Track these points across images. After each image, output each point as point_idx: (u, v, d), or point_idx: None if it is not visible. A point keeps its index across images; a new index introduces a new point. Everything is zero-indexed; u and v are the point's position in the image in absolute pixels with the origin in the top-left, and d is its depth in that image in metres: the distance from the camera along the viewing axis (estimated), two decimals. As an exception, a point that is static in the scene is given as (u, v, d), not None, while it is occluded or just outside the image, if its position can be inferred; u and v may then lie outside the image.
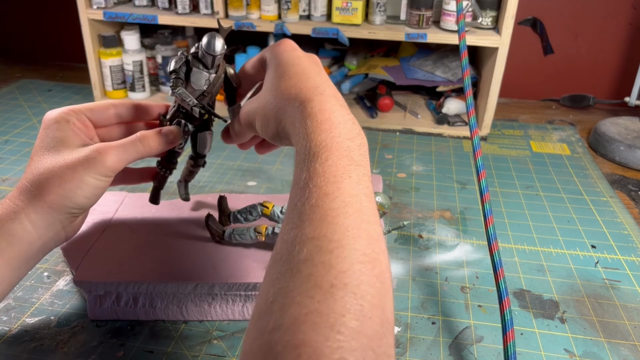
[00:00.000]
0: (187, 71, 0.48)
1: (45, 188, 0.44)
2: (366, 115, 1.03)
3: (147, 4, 1.03)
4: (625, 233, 0.70)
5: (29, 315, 0.53)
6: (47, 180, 0.44)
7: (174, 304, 0.52)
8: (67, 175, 0.44)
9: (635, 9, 1.12)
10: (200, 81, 0.49)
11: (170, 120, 0.52)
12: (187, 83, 0.49)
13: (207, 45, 0.47)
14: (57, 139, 0.46)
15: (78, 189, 0.44)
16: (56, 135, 0.46)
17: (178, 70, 0.48)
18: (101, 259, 0.53)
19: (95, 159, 0.44)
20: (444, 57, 1.09)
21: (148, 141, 0.48)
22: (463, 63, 0.65)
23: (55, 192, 0.44)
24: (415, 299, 0.57)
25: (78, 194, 0.44)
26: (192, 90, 0.49)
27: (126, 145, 0.47)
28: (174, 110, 0.52)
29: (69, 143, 0.46)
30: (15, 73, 1.26)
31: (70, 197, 0.44)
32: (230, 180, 0.80)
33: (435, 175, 0.84)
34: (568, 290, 0.59)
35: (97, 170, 0.45)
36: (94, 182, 0.45)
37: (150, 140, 0.49)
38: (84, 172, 0.44)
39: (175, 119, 0.51)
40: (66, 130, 0.46)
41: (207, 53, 0.47)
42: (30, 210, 0.43)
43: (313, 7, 0.96)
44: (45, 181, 0.44)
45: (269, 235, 0.54)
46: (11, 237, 0.43)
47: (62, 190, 0.44)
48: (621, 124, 0.97)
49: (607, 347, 0.51)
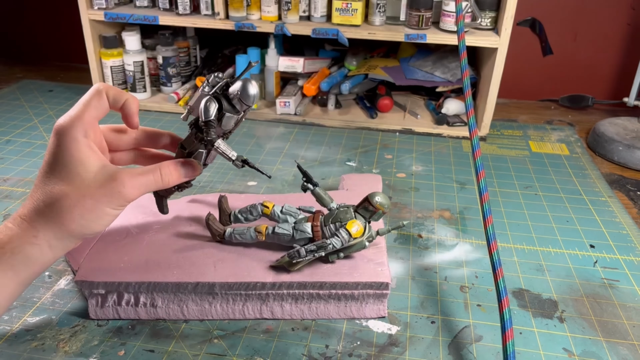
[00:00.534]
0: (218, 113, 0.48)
1: (66, 217, 0.44)
2: (366, 115, 1.03)
3: (148, 5, 1.04)
4: (623, 233, 0.70)
5: (30, 314, 0.53)
6: (68, 208, 0.44)
7: (174, 303, 0.53)
8: (89, 206, 0.44)
9: (634, 10, 1.12)
10: (231, 124, 0.49)
11: (190, 152, 0.52)
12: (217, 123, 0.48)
13: (244, 95, 0.47)
14: (75, 160, 0.44)
15: (98, 219, 0.45)
16: (73, 155, 0.44)
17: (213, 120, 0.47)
18: (102, 259, 0.53)
19: (120, 192, 0.45)
20: (444, 57, 1.09)
21: (168, 175, 0.49)
22: (462, 63, 0.65)
23: (77, 222, 0.44)
24: (414, 298, 0.57)
25: (98, 223, 0.45)
26: (219, 130, 0.49)
27: (147, 176, 0.47)
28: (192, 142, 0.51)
29: (88, 166, 0.45)
30: (16, 73, 1.26)
31: (90, 227, 0.45)
32: (231, 180, 0.80)
33: (435, 175, 0.84)
34: (567, 289, 0.59)
35: (118, 202, 0.45)
36: (113, 212, 0.46)
37: (170, 172, 0.49)
38: (106, 204, 0.45)
39: (196, 151, 0.51)
40: (83, 149, 0.45)
41: (243, 102, 0.47)
42: (50, 236, 0.44)
43: (313, 7, 0.96)
44: (66, 210, 0.44)
45: (269, 234, 0.54)
46: (29, 259, 0.44)
47: (84, 220, 0.44)
48: (620, 124, 0.97)
49: (606, 347, 0.51)
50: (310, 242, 0.53)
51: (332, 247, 0.51)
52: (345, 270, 0.53)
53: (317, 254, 0.51)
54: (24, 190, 0.75)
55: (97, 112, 0.47)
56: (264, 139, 0.95)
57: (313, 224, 0.53)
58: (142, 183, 0.46)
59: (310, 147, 0.92)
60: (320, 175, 0.83)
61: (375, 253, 0.55)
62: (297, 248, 0.51)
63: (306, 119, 1.02)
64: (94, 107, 0.47)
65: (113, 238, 0.57)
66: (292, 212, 0.55)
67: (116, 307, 0.52)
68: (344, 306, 0.53)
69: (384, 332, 0.52)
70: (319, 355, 0.49)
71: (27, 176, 0.79)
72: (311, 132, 0.98)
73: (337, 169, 0.85)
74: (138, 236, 0.57)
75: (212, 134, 0.48)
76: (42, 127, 0.96)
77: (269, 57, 1.05)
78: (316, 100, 1.08)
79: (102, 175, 0.45)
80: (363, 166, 0.86)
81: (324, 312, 0.54)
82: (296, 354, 0.49)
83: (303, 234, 0.53)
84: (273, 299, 0.53)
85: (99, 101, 0.48)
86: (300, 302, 0.53)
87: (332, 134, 0.98)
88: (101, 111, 0.48)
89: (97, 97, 0.47)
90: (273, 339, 0.51)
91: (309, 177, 0.55)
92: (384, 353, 0.50)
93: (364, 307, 0.54)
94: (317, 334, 0.52)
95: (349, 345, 0.50)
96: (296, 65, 1.04)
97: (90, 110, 0.47)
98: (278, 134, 0.97)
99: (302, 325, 0.53)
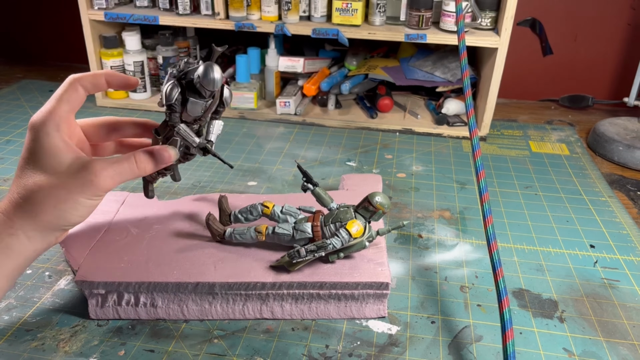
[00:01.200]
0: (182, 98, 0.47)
1: (40, 208, 0.44)
2: (366, 115, 1.03)
3: (148, 5, 1.04)
4: (624, 233, 0.70)
5: (30, 314, 0.53)
6: (42, 199, 0.44)
7: (174, 303, 0.53)
8: (62, 196, 0.44)
9: (634, 10, 1.12)
10: (197, 110, 0.47)
11: (166, 137, 0.51)
12: (182, 108, 0.47)
13: (205, 80, 0.45)
14: (48, 154, 0.45)
15: (72, 209, 0.45)
16: (46, 149, 0.45)
17: (174, 103, 0.46)
18: (102, 259, 0.53)
19: (92, 181, 0.45)
20: (444, 57, 1.09)
21: (143, 162, 0.48)
22: (462, 64, 0.65)
23: (51, 213, 0.44)
24: (414, 298, 0.57)
25: (73, 214, 0.45)
26: (186, 117, 0.48)
27: (121, 166, 0.47)
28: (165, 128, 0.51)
29: (61, 157, 0.45)
30: (16, 73, 1.26)
31: (65, 217, 0.45)
32: (231, 180, 0.80)
33: (435, 175, 0.84)
34: (567, 289, 0.59)
35: (91, 192, 0.45)
36: (88, 202, 0.46)
37: (145, 161, 0.48)
38: (78, 194, 0.45)
39: (170, 137, 0.50)
40: (56, 142, 0.45)
41: (205, 87, 0.46)
42: (27, 227, 0.44)
43: (313, 7, 0.96)
44: (39, 200, 0.44)
45: (269, 234, 0.54)
46: (10, 251, 0.44)
47: (58, 211, 0.45)
48: (620, 124, 0.97)
49: (606, 347, 0.51)
50: (311, 242, 0.53)
51: (332, 247, 0.51)
52: (345, 270, 0.53)
53: (317, 254, 0.51)
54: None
55: (70, 106, 0.48)
56: (264, 139, 0.95)
57: (313, 224, 0.53)
58: (116, 172, 0.46)
59: (310, 147, 0.92)
60: (321, 175, 0.83)
61: (376, 253, 0.55)
62: (297, 248, 0.51)
63: (306, 119, 1.02)
64: (66, 101, 0.47)
65: (113, 238, 0.57)
66: (292, 212, 0.55)
67: (116, 307, 0.52)
68: (344, 306, 0.53)
69: (384, 332, 0.52)
70: (319, 355, 0.49)
71: (27, 176, 0.79)
72: (311, 132, 0.98)
73: (337, 169, 0.85)
74: (138, 236, 0.57)
75: (174, 117, 0.47)
76: (42, 127, 0.96)
77: (269, 57, 1.05)
78: (316, 100, 1.08)
79: (75, 166, 0.45)
80: (363, 166, 0.86)
81: (324, 312, 0.54)
82: (296, 354, 0.49)
83: (303, 234, 0.53)
84: (273, 299, 0.53)
85: (73, 94, 0.48)
86: (300, 302, 0.53)
87: (332, 134, 0.98)
88: (76, 103, 0.48)
89: (71, 90, 0.48)
90: (273, 339, 0.51)
91: (309, 177, 0.55)
92: (384, 353, 0.50)
93: (364, 307, 0.54)
94: (317, 334, 0.52)
95: (349, 345, 0.50)
96: (296, 65, 1.04)
97: (62, 104, 0.47)
98: (278, 134, 0.97)
99: (302, 325, 0.53)
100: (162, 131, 0.51)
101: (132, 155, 0.48)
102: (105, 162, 0.46)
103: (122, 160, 0.47)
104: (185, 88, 0.47)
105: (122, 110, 1.06)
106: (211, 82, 0.45)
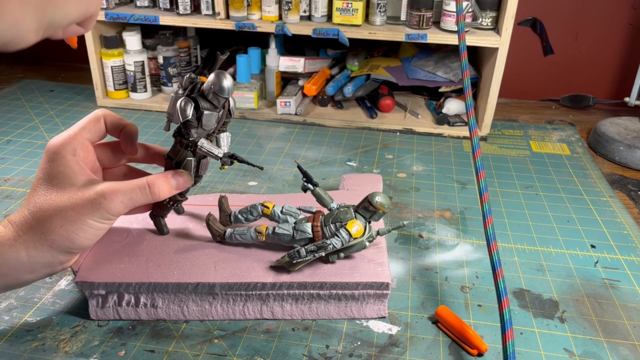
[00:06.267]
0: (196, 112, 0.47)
1: (47, 227, 0.44)
2: (366, 115, 1.03)
3: (149, 5, 1.04)
4: (624, 233, 0.70)
5: (30, 314, 0.53)
6: (50, 218, 0.44)
7: (175, 303, 0.53)
8: (70, 217, 0.44)
9: (635, 9, 1.12)
10: (211, 122, 0.48)
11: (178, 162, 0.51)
12: (197, 123, 0.48)
13: (219, 89, 0.46)
14: (62, 175, 0.45)
15: (80, 231, 0.45)
16: (60, 170, 0.45)
17: (191, 119, 0.46)
18: (102, 259, 0.53)
19: (101, 204, 0.45)
20: (446, 57, 1.09)
21: (157, 188, 0.48)
22: (463, 63, 0.65)
23: (57, 233, 0.44)
24: (415, 298, 0.57)
25: (80, 236, 0.45)
26: (200, 132, 0.48)
27: (133, 191, 0.47)
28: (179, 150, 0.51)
29: (74, 180, 0.46)
30: (17, 73, 1.26)
31: (72, 238, 0.45)
32: (231, 180, 0.80)
33: (435, 175, 0.84)
34: (568, 289, 0.59)
35: (100, 214, 0.45)
36: (96, 224, 0.45)
37: (159, 186, 0.48)
38: (87, 215, 0.44)
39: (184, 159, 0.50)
40: (71, 165, 0.46)
41: (219, 96, 0.46)
42: (30, 245, 0.44)
43: (314, 7, 0.96)
44: (47, 219, 0.44)
45: (269, 235, 0.54)
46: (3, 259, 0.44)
47: (65, 231, 0.44)
48: (621, 124, 0.97)
49: (607, 347, 0.51)
50: (311, 242, 0.52)
51: (332, 247, 0.51)
52: (345, 271, 0.53)
53: (318, 254, 0.51)
54: (25, 191, 0.75)
55: (90, 135, 0.49)
56: (264, 139, 0.95)
57: (313, 224, 0.53)
58: (127, 196, 0.46)
59: (310, 147, 0.92)
60: (321, 175, 0.83)
61: (376, 253, 0.55)
62: (297, 248, 0.51)
63: (307, 119, 1.02)
64: (87, 130, 0.49)
65: (113, 238, 0.57)
66: (293, 212, 0.55)
67: (117, 308, 0.52)
68: (345, 306, 0.53)
69: (385, 332, 0.52)
70: (319, 356, 0.49)
71: (27, 176, 0.79)
72: (312, 132, 0.98)
73: (338, 169, 0.85)
74: (138, 236, 0.57)
75: (193, 134, 0.47)
76: (43, 127, 0.96)
77: (270, 57, 1.05)
78: (317, 100, 1.08)
79: (87, 188, 0.45)
80: (363, 166, 0.86)
81: (325, 312, 0.54)
82: (296, 354, 0.49)
83: (303, 234, 0.53)
84: (273, 299, 0.53)
85: (95, 125, 0.49)
86: (300, 302, 0.53)
87: (333, 134, 0.98)
88: (96, 136, 0.50)
89: (94, 122, 0.49)
90: (273, 339, 0.51)
91: (309, 177, 0.55)
92: (385, 353, 0.50)
93: (364, 307, 0.54)
94: (318, 334, 0.52)
95: (350, 346, 0.50)
96: (297, 65, 1.04)
97: (83, 132, 0.48)
98: (279, 134, 0.97)
99: (303, 326, 0.53)
100: (175, 155, 0.51)
101: (145, 180, 0.47)
102: (117, 186, 0.46)
103: (134, 184, 0.47)
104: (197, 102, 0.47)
105: (122, 110, 1.06)
106: (225, 90, 0.46)
